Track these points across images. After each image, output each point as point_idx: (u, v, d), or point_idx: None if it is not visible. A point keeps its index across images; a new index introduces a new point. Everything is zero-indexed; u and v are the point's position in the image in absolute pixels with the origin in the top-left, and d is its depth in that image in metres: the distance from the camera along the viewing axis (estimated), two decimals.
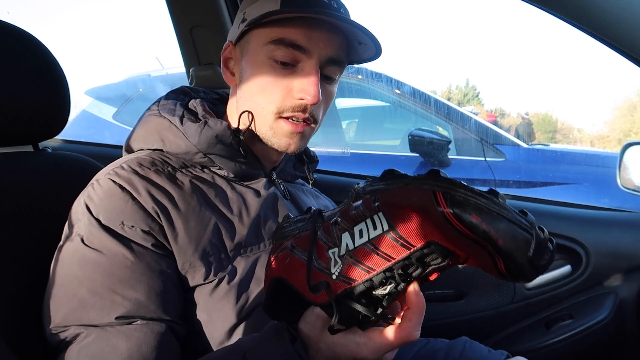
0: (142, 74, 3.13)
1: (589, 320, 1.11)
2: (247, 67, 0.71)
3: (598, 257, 1.15)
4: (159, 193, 0.64)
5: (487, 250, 0.39)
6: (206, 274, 0.63)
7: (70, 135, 1.32)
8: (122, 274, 0.58)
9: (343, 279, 0.45)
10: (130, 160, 0.67)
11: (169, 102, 0.74)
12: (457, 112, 2.68)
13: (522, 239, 0.38)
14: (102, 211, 0.61)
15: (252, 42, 0.70)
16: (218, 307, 0.63)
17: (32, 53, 0.74)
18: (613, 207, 1.25)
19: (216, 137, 0.69)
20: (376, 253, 0.44)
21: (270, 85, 0.69)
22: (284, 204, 0.76)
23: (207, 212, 0.66)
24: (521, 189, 2.37)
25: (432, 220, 0.41)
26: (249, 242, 0.68)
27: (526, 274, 0.39)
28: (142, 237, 0.61)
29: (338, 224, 0.47)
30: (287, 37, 0.66)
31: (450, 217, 0.38)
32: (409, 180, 0.43)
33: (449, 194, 0.39)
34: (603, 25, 0.72)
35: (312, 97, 0.67)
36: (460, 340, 0.88)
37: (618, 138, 14.82)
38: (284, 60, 0.67)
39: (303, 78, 0.68)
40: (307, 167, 0.89)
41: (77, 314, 0.57)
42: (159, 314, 0.59)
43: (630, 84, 22.54)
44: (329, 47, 0.68)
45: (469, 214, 0.38)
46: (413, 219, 0.42)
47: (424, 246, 0.42)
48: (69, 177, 0.77)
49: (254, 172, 0.75)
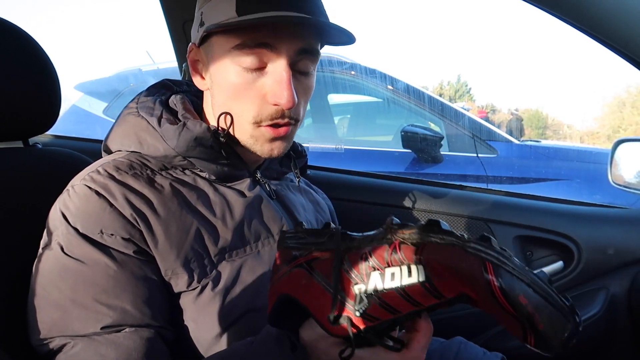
0: (133, 68, 3.10)
1: (580, 316, 1.11)
2: (215, 72, 0.66)
3: (590, 253, 1.16)
4: (137, 199, 0.61)
5: (523, 325, 0.39)
6: (189, 280, 0.61)
7: (60, 130, 1.30)
8: (106, 284, 0.57)
9: (367, 317, 0.45)
10: (106, 164, 0.65)
11: (149, 100, 0.71)
12: (449, 108, 2.70)
13: (561, 326, 0.39)
14: (80, 220, 0.59)
15: (215, 47, 0.65)
16: (204, 314, 0.62)
17: (22, 47, 0.73)
18: (605, 204, 1.26)
19: (195, 140, 0.65)
20: (406, 299, 0.43)
21: (242, 92, 0.64)
22: (269, 205, 0.73)
23: (188, 216, 0.64)
24: (514, 185, 2.39)
25: (475, 287, 0.40)
26: (233, 246, 0.66)
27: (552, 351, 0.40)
28: (123, 244, 0.59)
29: (368, 261, 0.45)
30: (249, 40, 0.61)
31: (497, 292, 0.39)
32: (459, 241, 0.42)
33: (501, 267, 0.39)
34: (596, 22, 0.72)
35: (287, 102, 0.62)
36: (454, 341, 0.87)
37: (607, 134, 14.98)
38: (251, 67, 0.62)
39: (274, 81, 0.62)
40: (293, 162, 0.84)
41: (61, 326, 0.55)
42: (147, 321, 0.58)
43: (619, 80, 22.76)
44: (296, 38, 0.62)
45: (518, 295, 0.38)
46: (454, 279, 0.42)
47: (456, 297, 0.42)
48: (59, 173, 0.76)
49: (238, 173, 0.72)
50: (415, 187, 1.28)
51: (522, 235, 1.21)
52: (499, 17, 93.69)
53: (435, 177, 2.41)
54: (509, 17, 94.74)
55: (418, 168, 2.53)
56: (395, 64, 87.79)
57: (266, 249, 0.70)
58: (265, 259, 0.68)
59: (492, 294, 0.39)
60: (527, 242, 1.22)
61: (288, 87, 0.62)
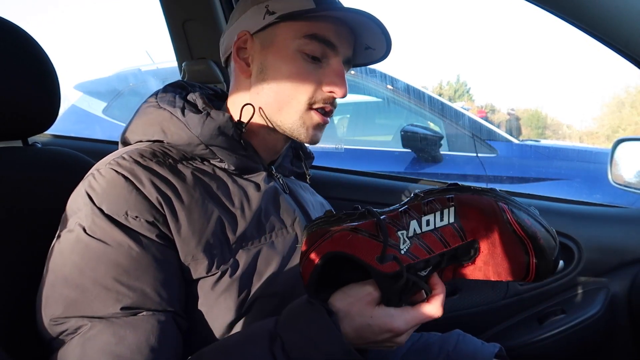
0: (132, 68, 3.10)
1: (581, 315, 1.11)
2: (272, 58, 0.72)
3: (590, 252, 1.16)
4: (162, 184, 0.63)
5: (527, 248, 0.53)
6: (209, 266, 0.63)
7: (59, 130, 1.30)
8: (128, 265, 0.57)
9: (410, 255, 0.53)
10: (130, 151, 0.66)
11: (168, 95, 0.73)
12: (449, 108, 2.69)
13: (554, 242, 0.54)
14: (105, 201, 0.60)
15: (281, 35, 0.71)
16: (220, 300, 0.63)
17: (22, 47, 0.72)
18: (605, 203, 1.26)
19: (219, 129, 0.69)
20: (439, 239, 0.54)
21: (301, 77, 0.71)
22: (284, 198, 0.76)
23: (209, 204, 0.66)
24: (514, 184, 2.38)
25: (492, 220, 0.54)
26: (250, 236, 0.68)
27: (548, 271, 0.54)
28: (147, 228, 0.60)
29: (407, 213, 0.55)
30: (320, 33, 0.70)
31: (511, 218, 0.53)
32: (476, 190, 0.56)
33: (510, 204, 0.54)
34: (596, 21, 0.72)
35: (342, 92, 0.72)
36: (453, 334, 0.88)
37: (607, 134, 14.97)
38: (315, 55, 0.71)
39: (332, 72, 0.72)
40: (304, 163, 0.91)
41: (80, 305, 0.55)
42: (164, 306, 0.58)
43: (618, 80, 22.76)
44: (349, 47, 0.74)
45: (524, 219, 0.53)
46: (476, 217, 0.55)
47: (472, 241, 0.55)
48: (59, 172, 0.76)
49: (254, 166, 0.75)
50: (415, 186, 1.28)
51: None
52: (498, 16, 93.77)
53: (435, 177, 2.41)
54: (508, 17, 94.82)
55: (418, 168, 2.53)
56: (395, 64, 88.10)
57: (279, 239, 0.72)
58: (279, 249, 0.70)
59: (508, 221, 0.53)
60: None
61: (344, 79, 0.73)
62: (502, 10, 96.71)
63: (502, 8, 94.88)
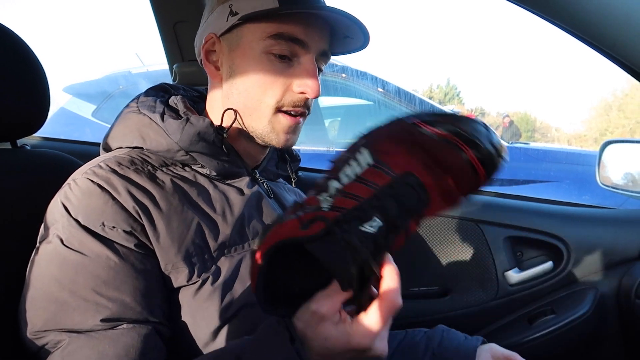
0: (122, 70, 3.08)
1: (570, 315, 1.13)
2: (239, 61, 0.69)
3: (579, 253, 1.17)
4: (139, 192, 0.62)
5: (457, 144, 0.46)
6: (189, 275, 0.61)
7: (48, 132, 1.29)
8: (106, 276, 0.56)
9: (335, 208, 0.47)
10: (108, 159, 0.65)
11: (149, 99, 0.72)
12: (440, 111, 2.71)
13: (478, 125, 0.48)
14: (81, 212, 0.59)
15: (246, 36, 0.68)
16: (202, 308, 0.61)
17: (11, 49, 0.72)
18: (593, 204, 1.28)
19: (198, 135, 0.67)
20: (363, 183, 0.48)
21: (269, 79, 0.68)
22: (268, 203, 0.74)
23: (189, 211, 0.65)
24: (504, 186, 2.40)
25: (410, 140, 0.48)
26: (233, 242, 0.67)
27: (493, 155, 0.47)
28: (124, 237, 0.59)
29: (326, 178, 0.50)
30: (286, 32, 0.66)
31: (427, 127, 0.47)
32: (388, 121, 0.51)
33: (419, 114, 0.49)
34: (583, 24, 0.73)
35: (315, 91, 0.69)
36: (437, 329, 0.88)
37: (595, 137, 15.16)
38: (283, 54, 0.67)
39: (303, 72, 0.68)
40: (289, 165, 0.88)
41: (59, 318, 0.54)
42: (145, 316, 0.57)
43: (605, 84, 23.06)
44: (322, 40, 0.70)
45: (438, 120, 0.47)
46: (394, 147, 0.49)
47: (404, 174, 0.48)
48: (48, 175, 0.75)
49: (237, 171, 0.73)
50: None
51: (513, 235, 1.22)
52: (488, 20, 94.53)
53: None
54: (497, 21, 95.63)
55: None
56: (385, 67, 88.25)
57: None
58: None
59: (427, 132, 0.47)
60: (517, 243, 1.24)
61: (316, 78, 0.69)
62: (492, 14, 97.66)
63: (492, 12, 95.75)
